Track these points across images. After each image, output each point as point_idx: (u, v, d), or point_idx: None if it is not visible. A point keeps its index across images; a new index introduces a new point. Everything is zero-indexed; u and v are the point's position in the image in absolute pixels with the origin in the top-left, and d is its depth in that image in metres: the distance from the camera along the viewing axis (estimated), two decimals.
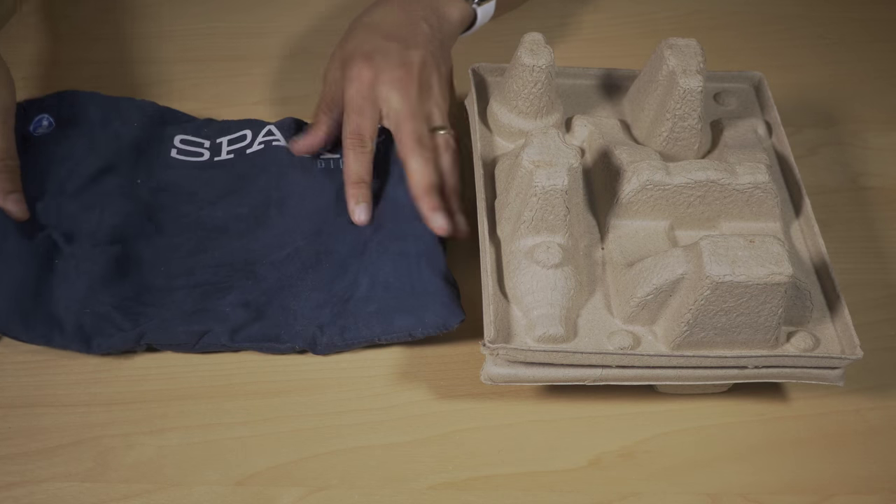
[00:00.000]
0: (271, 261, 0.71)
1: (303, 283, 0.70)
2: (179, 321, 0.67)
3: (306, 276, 0.70)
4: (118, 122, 0.78)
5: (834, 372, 0.64)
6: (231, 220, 0.74)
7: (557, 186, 0.63)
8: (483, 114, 0.76)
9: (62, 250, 0.70)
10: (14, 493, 0.61)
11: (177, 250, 0.72)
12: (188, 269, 0.71)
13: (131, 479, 0.62)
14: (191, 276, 0.70)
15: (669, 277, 0.61)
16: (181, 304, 0.68)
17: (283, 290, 0.70)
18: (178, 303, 0.69)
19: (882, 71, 0.93)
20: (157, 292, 0.69)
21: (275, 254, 0.72)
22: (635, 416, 0.67)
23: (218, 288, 0.70)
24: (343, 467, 0.63)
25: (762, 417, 0.67)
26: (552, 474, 0.64)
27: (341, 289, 0.69)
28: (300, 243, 0.72)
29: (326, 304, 0.69)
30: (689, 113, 0.70)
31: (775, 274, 0.58)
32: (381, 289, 0.68)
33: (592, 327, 0.64)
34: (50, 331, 0.66)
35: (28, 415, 0.65)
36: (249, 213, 0.74)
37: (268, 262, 0.71)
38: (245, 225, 0.73)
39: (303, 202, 0.74)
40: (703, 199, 0.68)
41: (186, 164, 0.77)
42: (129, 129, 0.77)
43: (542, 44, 0.72)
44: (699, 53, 0.70)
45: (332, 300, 0.69)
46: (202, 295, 0.69)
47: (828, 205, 0.80)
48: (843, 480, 0.65)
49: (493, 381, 0.63)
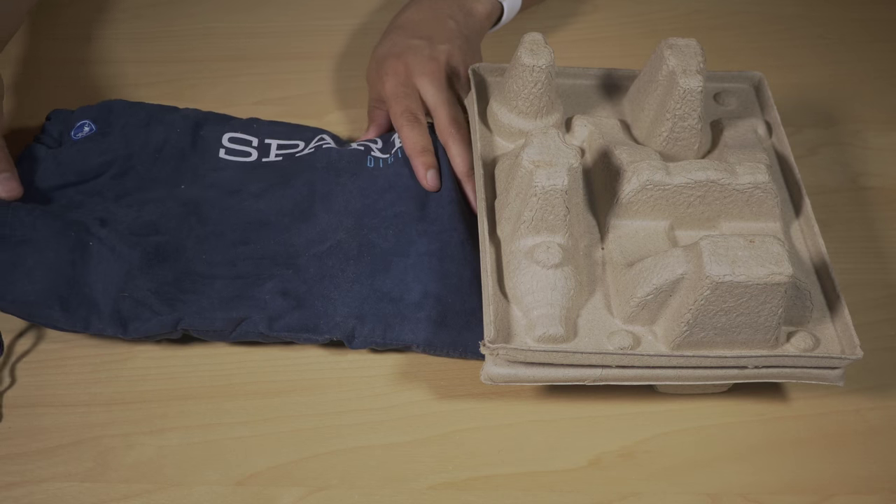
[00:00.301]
0: (313, 253, 0.71)
1: (344, 274, 0.70)
2: (217, 308, 0.67)
3: (347, 267, 0.70)
4: (161, 128, 0.77)
5: (834, 372, 0.64)
6: (274, 213, 0.74)
7: (557, 186, 0.63)
8: (483, 114, 0.76)
9: (96, 233, 0.69)
10: (14, 493, 0.61)
11: (219, 240, 0.72)
12: (229, 259, 0.71)
13: (131, 479, 0.62)
14: (232, 266, 0.70)
15: (669, 277, 0.61)
16: (220, 292, 0.68)
17: (324, 281, 0.69)
18: (217, 290, 0.68)
19: (882, 71, 0.93)
20: (197, 278, 0.69)
21: (316, 247, 0.71)
22: (635, 416, 0.67)
23: (259, 278, 0.69)
24: (343, 467, 0.63)
25: (762, 417, 0.67)
26: (552, 474, 0.64)
27: (387, 286, 0.69)
28: (342, 236, 0.72)
29: (369, 298, 0.68)
30: (689, 113, 0.70)
31: (775, 274, 0.58)
32: (433, 299, 0.68)
33: (592, 327, 0.64)
34: (89, 315, 0.66)
35: (28, 415, 0.65)
36: (294, 208, 0.74)
37: (309, 254, 0.71)
38: (289, 219, 0.73)
39: (348, 198, 0.74)
40: (703, 199, 0.68)
41: (234, 164, 0.77)
42: (171, 134, 0.77)
43: (542, 44, 0.72)
44: (699, 53, 0.70)
45: (375, 295, 0.69)
46: (242, 284, 0.69)
47: (828, 205, 0.80)
48: (843, 480, 0.65)
49: (493, 381, 0.63)
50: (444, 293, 0.69)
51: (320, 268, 0.70)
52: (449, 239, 0.71)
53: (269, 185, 0.75)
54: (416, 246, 0.71)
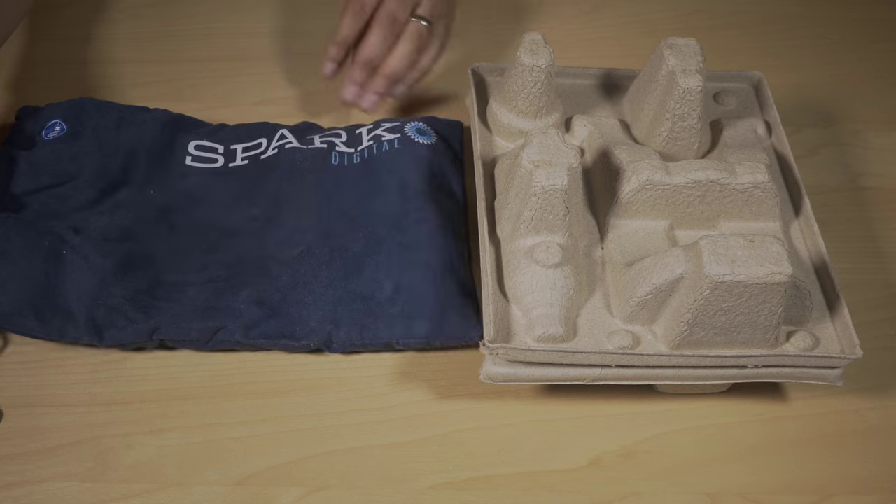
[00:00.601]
0: (284, 259, 0.71)
1: (317, 280, 0.70)
2: (192, 317, 0.67)
3: (320, 272, 0.70)
4: (132, 130, 0.77)
5: (833, 372, 0.64)
6: (244, 221, 0.74)
7: (557, 186, 0.63)
8: (483, 114, 0.76)
9: (69, 242, 0.69)
10: (14, 493, 0.61)
11: (190, 247, 0.72)
12: (201, 266, 0.71)
13: (131, 479, 0.62)
14: (203, 272, 0.70)
15: (669, 277, 0.61)
16: (194, 300, 0.68)
17: (297, 287, 0.69)
18: (190, 298, 0.68)
19: (882, 71, 0.93)
20: (170, 287, 0.69)
21: (287, 252, 0.71)
22: (635, 416, 0.67)
23: (231, 285, 0.69)
24: (343, 467, 0.63)
25: (762, 417, 0.67)
26: (552, 474, 0.64)
27: (359, 287, 0.69)
28: (312, 240, 0.72)
29: (342, 301, 0.69)
30: (688, 113, 0.70)
31: (775, 273, 0.58)
32: (405, 293, 0.68)
33: (592, 327, 0.64)
34: (64, 324, 0.66)
35: (28, 415, 0.65)
36: (261, 214, 0.74)
37: (281, 260, 0.71)
38: (258, 225, 0.73)
39: (315, 201, 0.74)
40: (703, 199, 0.68)
41: (201, 170, 0.76)
42: (142, 138, 0.77)
43: (542, 44, 0.72)
44: (699, 53, 0.70)
45: (349, 297, 0.69)
46: (215, 292, 0.69)
47: (828, 205, 0.80)
48: (842, 480, 0.65)
49: (493, 380, 0.63)
50: (416, 284, 0.69)
51: (293, 275, 0.70)
52: (419, 230, 0.71)
53: (237, 192, 0.75)
54: (386, 243, 0.71)
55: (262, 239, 0.72)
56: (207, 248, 0.72)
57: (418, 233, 0.71)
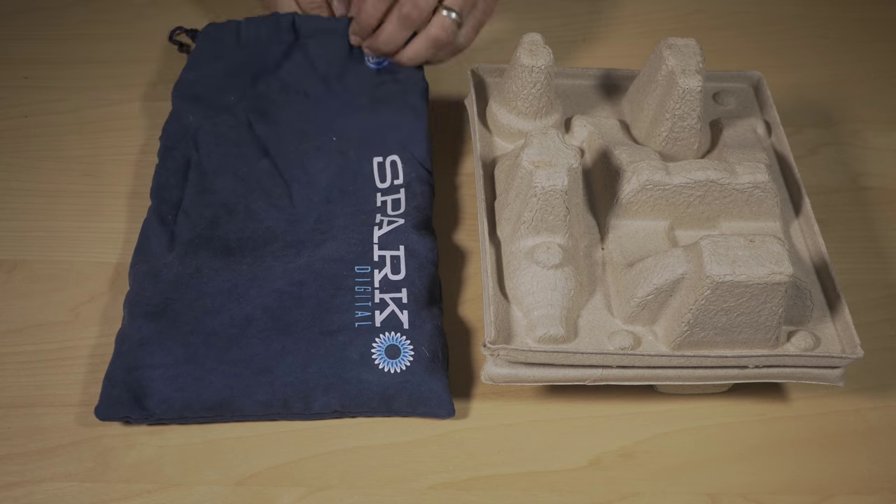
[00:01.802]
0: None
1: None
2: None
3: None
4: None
5: (834, 372, 0.64)
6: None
7: (557, 187, 0.63)
8: (482, 114, 0.77)
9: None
10: (14, 493, 0.61)
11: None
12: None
13: (131, 479, 0.62)
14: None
15: (670, 277, 0.61)
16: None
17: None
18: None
19: (882, 71, 0.93)
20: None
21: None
22: (635, 416, 0.67)
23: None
24: (343, 467, 0.63)
25: (762, 417, 0.67)
26: (552, 474, 0.64)
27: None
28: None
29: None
30: (688, 113, 0.70)
31: (776, 273, 0.58)
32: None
33: (593, 327, 0.64)
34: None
35: (28, 415, 0.65)
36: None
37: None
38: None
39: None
40: (703, 199, 0.68)
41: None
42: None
43: (541, 44, 0.72)
44: (698, 53, 0.70)
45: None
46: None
47: (828, 205, 0.80)
48: (843, 480, 0.65)
49: (494, 381, 0.63)
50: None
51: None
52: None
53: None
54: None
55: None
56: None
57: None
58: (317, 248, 0.71)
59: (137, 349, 0.64)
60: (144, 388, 0.63)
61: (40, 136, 0.81)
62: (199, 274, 0.68)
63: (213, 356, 0.65)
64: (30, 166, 0.79)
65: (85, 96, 0.84)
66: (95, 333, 0.69)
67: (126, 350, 0.65)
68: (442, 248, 0.75)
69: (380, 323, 0.66)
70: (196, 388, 0.63)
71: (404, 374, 0.65)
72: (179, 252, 0.70)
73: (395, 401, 0.64)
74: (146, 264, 0.69)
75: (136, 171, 0.78)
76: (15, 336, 0.68)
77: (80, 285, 0.71)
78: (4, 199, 0.77)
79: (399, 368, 0.65)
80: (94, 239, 0.74)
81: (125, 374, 0.64)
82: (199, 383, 0.63)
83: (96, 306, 0.70)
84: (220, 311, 0.67)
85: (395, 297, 0.68)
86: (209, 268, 0.69)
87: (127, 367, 0.64)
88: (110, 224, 0.75)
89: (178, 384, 0.63)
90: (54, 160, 0.79)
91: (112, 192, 0.77)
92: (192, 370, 0.64)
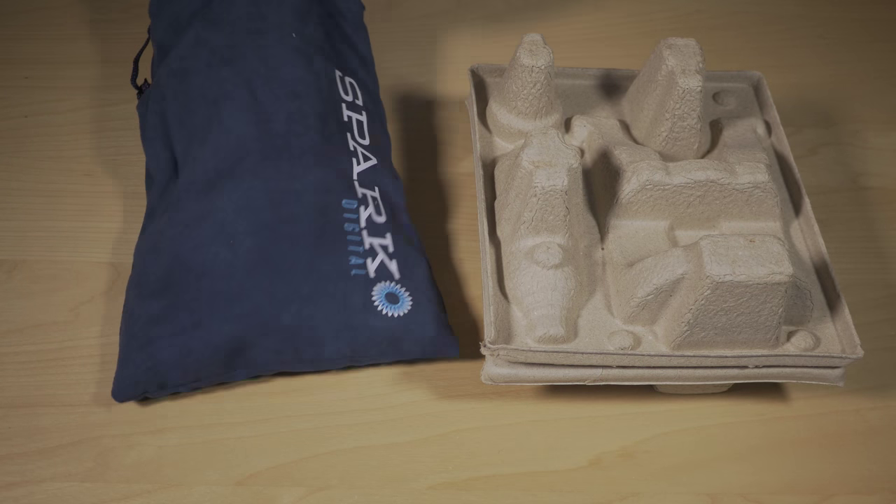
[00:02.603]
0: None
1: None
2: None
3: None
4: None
5: (834, 372, 0.64)
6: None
7: (557, 187, 0.63)
8: (482, 114, 0.77)
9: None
10: (14, 493, 0.61)
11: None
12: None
13: (131, 479, 0.62)
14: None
15: (669, 277, 0.61)
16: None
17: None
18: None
19: (882, 71, 0.93)
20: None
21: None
22: (635, 416, 0.67)
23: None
24: (343, 467, 0.63)
25: (762, 417, 0.67)
26: (552, 474, 0.64)
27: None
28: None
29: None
30: (688, 113, 0.71)
31: (776, 273, 0.58)
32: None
33: (593, 327, 0.64)
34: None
35: (28, 415, 0.65)
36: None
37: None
38: None
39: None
40: (703, 199, 0.68)
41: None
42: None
43: (541, 44, 0.72)
44: (698, 53, 0.71)
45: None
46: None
47: (828, 205, 0.80)
48: (843, 480, 0.65)
49: (494, 381, 0.63)
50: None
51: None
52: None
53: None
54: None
55: None
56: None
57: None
58: (299, 166, 0.69)
59: (148, 326, 0.65)
60: (157, 361, 0.63)
61: (40, 136, 0.81)
62: (188, 230, 0.67)
63: (220, 315, 0.64)
64: (30, 166, 0.79)
65: (85, 96, 0.84)
66: (95, 333, 0.69)
67: (137, 330, 0.65)
68: (442, 248, 0.75)
69: (374, 273, 0.67)
70: (206, 349, 0.64)
71: (407, 317, 0.65)
72: (169, 211, 0.69)
73: (403, 343, 0.65)
74: (146, 240, 0.69)
75: (136, 171, 0.78)
76: (15, 336, 0.68)
77: (80, 285, 0.71)
78: (4, 199, 0.77)
79: (401, 313, 0.65)
80: (94, 239, 0.74)
81: (138, 352, 0.64)
82: (208, 344, 0.64)
83: (96, 306, 0.70)
84: (215, 263, 0.66)
85: (382, 243, 0.68)
86: (193, 216, 0.68)
87: (139, 345, 0.64)
88: (110, 224, 0.75)
89: (188, 349, 0.64)
90: (54, 160, 0.79)
91: (112, 192, 0.78)
92: (201, 334, 0.64)
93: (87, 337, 0.69)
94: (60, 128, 0.82)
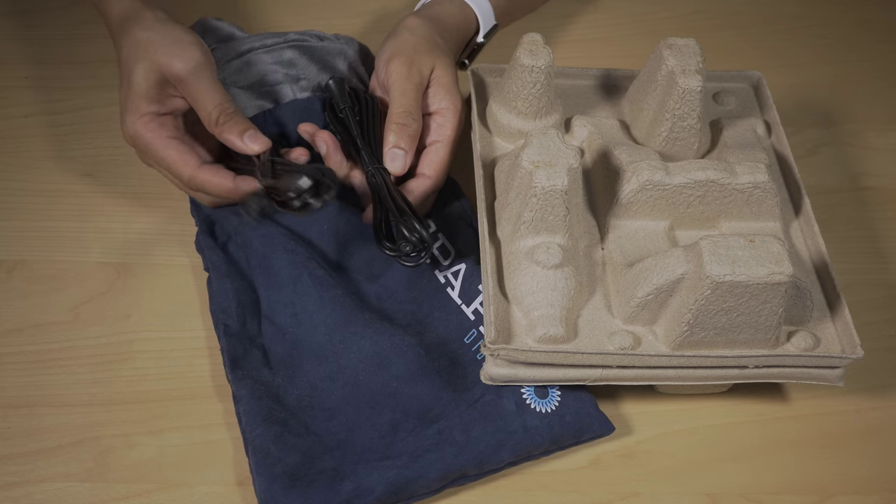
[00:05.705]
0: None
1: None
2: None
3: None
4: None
5: (834, 372, 0.64)
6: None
7: (557, 187, 0.63)
8: (482, 114, 0.76)
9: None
10: (14, 493, 0.61)
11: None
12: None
13: (131, 479, 0.62)
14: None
15: (669, 277, 0.61)
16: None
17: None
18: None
19: (882, 71, 0.93)
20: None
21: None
22: (635, 416, 0.67)
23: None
24: None
25: (762, 417, 0.67)
26: (552, 474, 0.64)
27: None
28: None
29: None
30: (688, 113, 0.70)
31: (775, 273, 0.58)
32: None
33: (593, 327, 0.64)
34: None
35: (28, 415, 0.65)
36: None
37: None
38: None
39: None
40: (703, 199, 0.68)
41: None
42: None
43: (541, 44, 0.72)
44: (698, 53, 0.70)
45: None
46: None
47: (828, 205, 0.80)
48: (843, 480, 0.65)
49: (494, 381, 0.63)
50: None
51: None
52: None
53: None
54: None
55: None
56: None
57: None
58: (415, 326, 0.68)
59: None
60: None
61: (40, 136, 0.81)
62: (315, 390, 0.65)
63: (375, 470, 0.61)
64: (30, 166, 0.79)
65: (85, 96, 0.84)
66: (95, 333, 0.69)
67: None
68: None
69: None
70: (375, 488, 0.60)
71: (560, 409, 0.63)
72: (283, 372, 0.66)
73: (562, 438, 0.63)
74: (260, 386, 0.65)
75: (136, 171, 0.78)
76: (15, 336, 0.68)
77: (80, 285, 0.71)
78: (4, 199, 0.77)
79: (552, 407, 0.64)
80: (93, 239, 0.74)
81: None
82: (367, 489, 0.60)
83: (96, 306, 0.70)
84: (358, 423, 0.64)
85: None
86: (320, 379, 0.65)
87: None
88: (110, 224, 0.75)
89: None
90: (54, 160, 0.79)
91: (112, 192, 0.77)
92: (360, 475, 0.61)
93: (86, 337, 0.69)
94: (60, 128, 0.82)
